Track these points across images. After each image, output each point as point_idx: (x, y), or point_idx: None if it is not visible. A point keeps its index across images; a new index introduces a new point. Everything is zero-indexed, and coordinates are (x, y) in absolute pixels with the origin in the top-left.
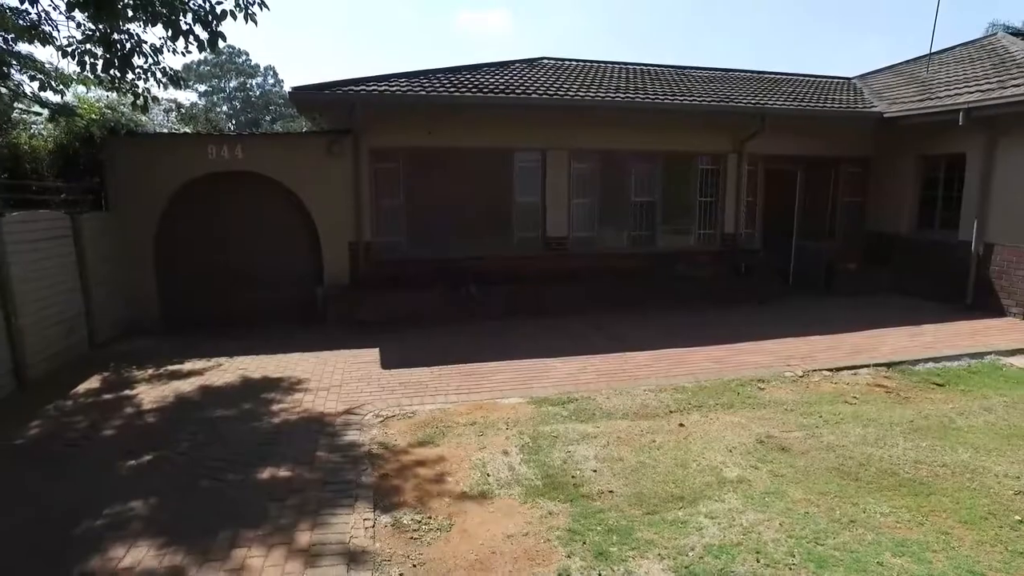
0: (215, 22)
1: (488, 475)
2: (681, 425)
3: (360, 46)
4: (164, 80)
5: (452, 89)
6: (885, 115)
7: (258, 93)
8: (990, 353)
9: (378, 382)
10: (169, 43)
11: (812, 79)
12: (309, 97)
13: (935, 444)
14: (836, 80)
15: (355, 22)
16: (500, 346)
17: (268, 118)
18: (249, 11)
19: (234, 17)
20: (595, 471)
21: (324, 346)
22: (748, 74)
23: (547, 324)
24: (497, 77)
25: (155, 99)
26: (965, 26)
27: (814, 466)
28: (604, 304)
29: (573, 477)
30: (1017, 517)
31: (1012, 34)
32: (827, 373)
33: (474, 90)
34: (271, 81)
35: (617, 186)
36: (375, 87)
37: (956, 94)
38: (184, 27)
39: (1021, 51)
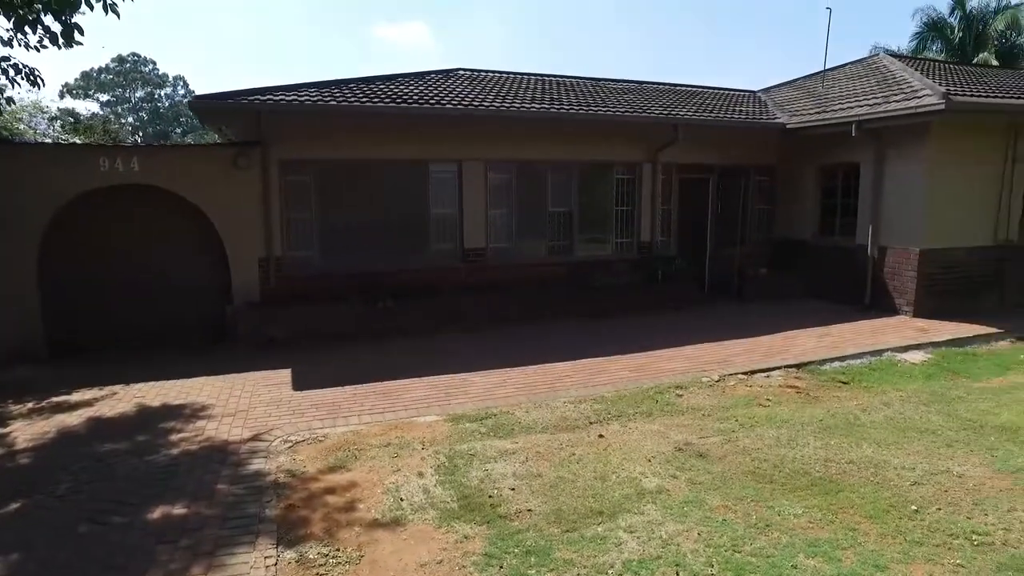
0: (68, 12)
1: (402, 499)
2: (601, 436)
3: (275, 61)
4: (17, 78)
5: (364, 99)
6: (787, 126)
7: (167, 104)
8: (887, 350)
9: (288, 405)
10: (17, 35)
11: (721, 91)
12: (210, 106)
13: (842, 442)
14: (742, 93)
15: (268, 36)
16: (418, 361)
17: (179, 130)
18: (108, 1)
19: (90, 7)
20: (513, 489)
21: (233, 368)
22: (661, 86)
23: (466, 337)
24: (412, 88)
25: (9, 100)
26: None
27: (731, 471)
28: (524, 314)
29: (490, 497)
30: (913, 507)
31: (891, 55)
32: (742, 376)
33: (387, 100)
34: (181, 92)
35: (534, 196)
36: (283, 96)
37: (848, 108)
38: (31, 16)
39: (899, 70)
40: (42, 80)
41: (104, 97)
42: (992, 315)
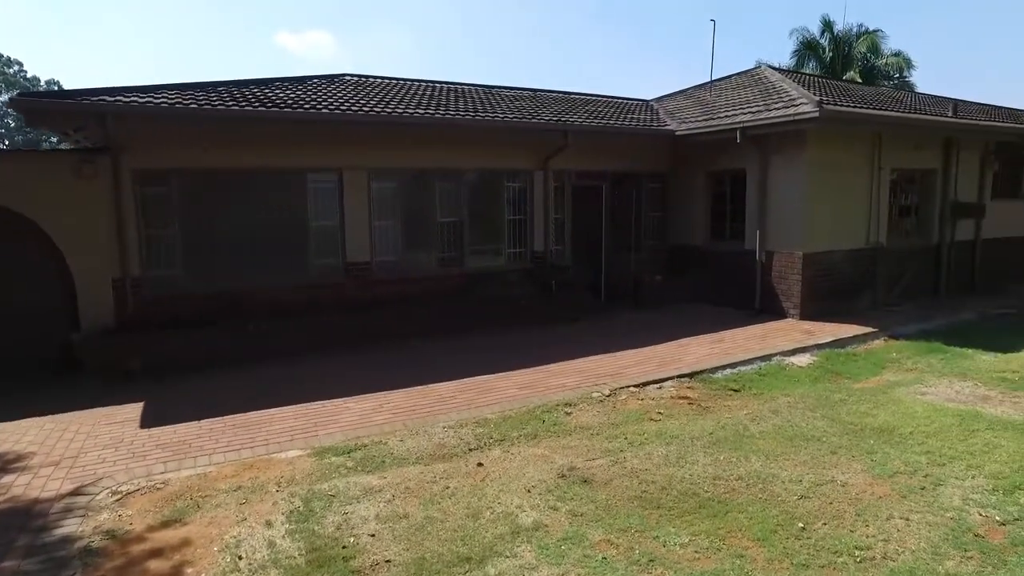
0: None
1: (240, 558)
2: (480, 465)
3: (171, 66)
4: None
5: (232, 103)
6: (677, 133)
7: None
8: (776, 355)
9: (130, 446)
10: None
11: (614, 100)
12: (39, 106)
13: (731, 456)
14: (635, 102)
15: (164, 41)
16: (288, 387)
17: (54, 138)
18: None
19: None
20: (373, 535)
21: (74, 405)
22: (554, 94)
23: (348, 358)
24: (290, 93)
25: None
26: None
27: (616, 497)
28: (413, 331)
29: (345, 547)
30: (800, 524)
31: (771, 68)
32: (634, 389)
33: (257, 104)
34: None
35: (422, 206)
36: (135, 98)
37: (733, 115)
38: None
39: (779, 81)
40: None
41: None
42: (867, 315)
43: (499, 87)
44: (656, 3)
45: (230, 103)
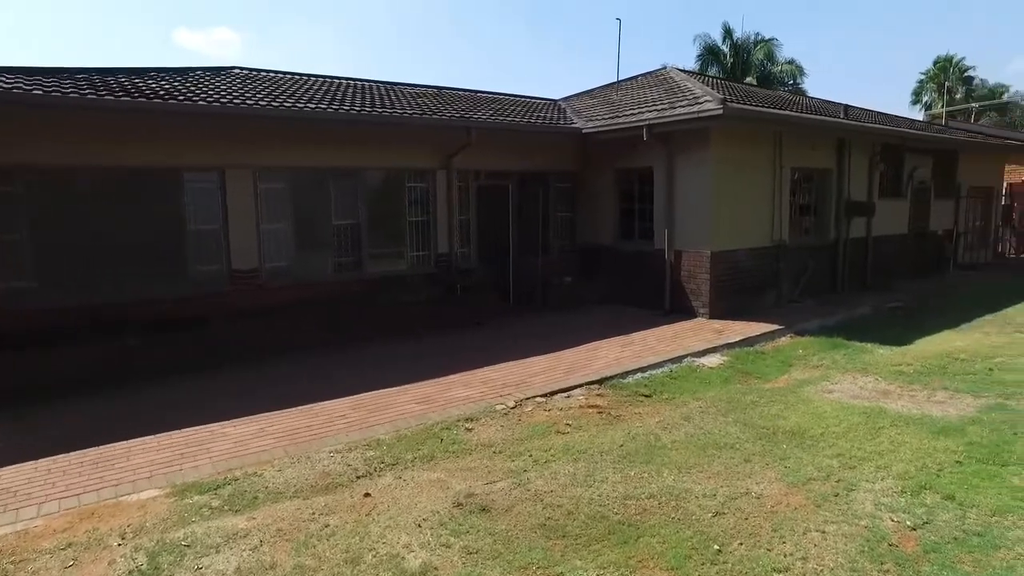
0: None
1: None
2: (367, 495)
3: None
4: None
5: (89, 91)
6: (584, 131)
7: None
8: (687, 356)
9: None
10: None
11: (522, 99)
12: None
13: (643, 471)
14: (543, 101)
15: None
16: (159, 412)
17: None
18: None
19: None
20: None
21: None
22: (461, 92)
23: (233, 374)
24: (165, 83)
25: None
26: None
27: (518, 527)
28: (306, 342)
29: None
30: (716, 547)
31: (677, 70)
32: (541, 400)
33: (122, 94)
34: None
35: (316, 208)
36: None
37: (639, 113)
38: None
39: (684, 80)
40: None
41: None
42: (772, 312)
43: (402, 84)
44: (565, 7)
45: (87, 91)
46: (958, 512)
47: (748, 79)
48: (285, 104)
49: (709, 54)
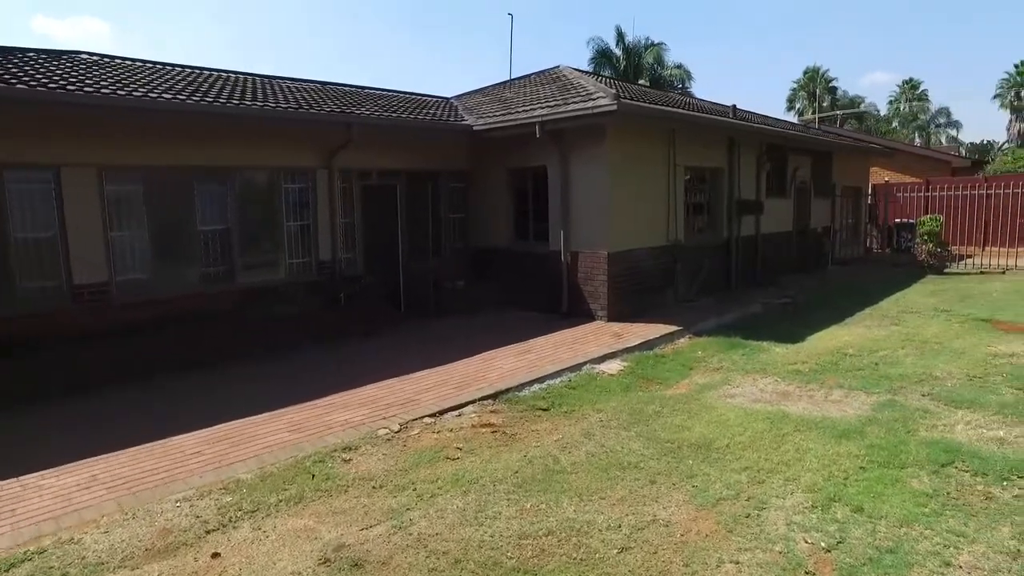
0: None
1: None
2: (215, 556)
3: None
4: None
5: None
6: (475, 128)
7: None
8: (586, 363)
9: None
10: None
11: (411, 96)
12: None
13: (540, 501)
14: (434, 98)
15: None
16: None
17: None
18: None
19: None
20: None
21: None
22: (346, 88)
23: (66, 408)
24: None
25: None
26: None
27: None
28: (169, 364)
29: None
30: None
31: (571, 69)
32: (429, 420)
33: None
34: None
35: (178, 213)
36: None
37: (532, 109)
38: None
39: (578, 78)
40: None
41: None
42: (670, 312)
43: (281, 78)
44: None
45: None
46: (868, 526)
47: (641, 81)
48: (135, 94)
49: (602, 57)
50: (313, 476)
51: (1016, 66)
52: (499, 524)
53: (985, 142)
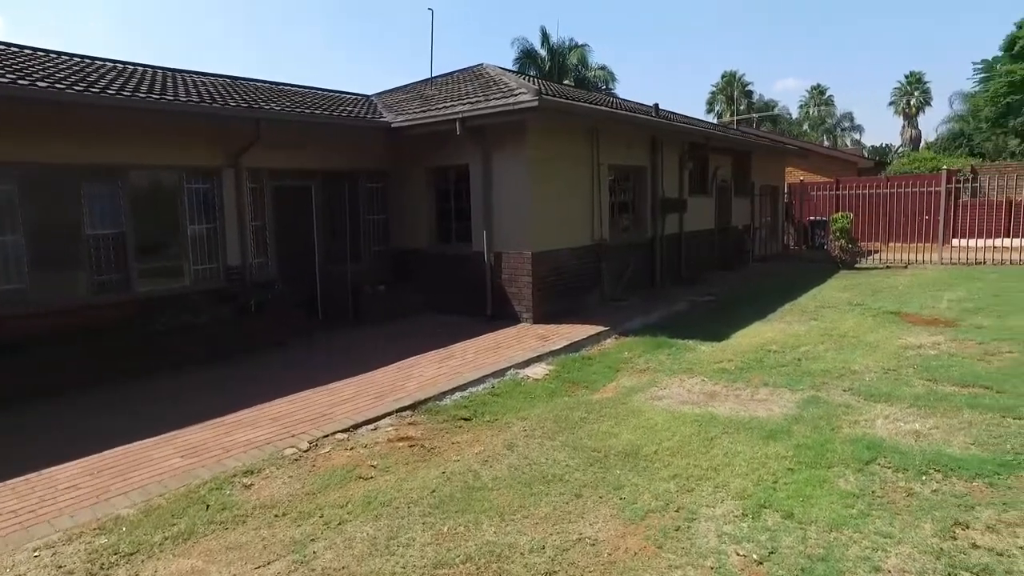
0: None
1: None
2: None
3: None
4: None
5: None
6: (393, 125)
7: None
8: (510, 368)
9: None
10: None
11: (329, 93)
12: None
13: (458, 524)
14: (354, 96)
15: None
16: None
17: None
18: None
19: None
20: None
21: None
22: (259, 84)
23: None
24: None
25: None
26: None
27: None
28: (49, 385)
29: None
30: None
31: (494, 66)
32: (342, 436)
33: None
34: None
35: (63, 215)
36: None
37: (452, 106)
38: None
39: (500, 75)
40: None
41: None
42: (597, 312)
43: (188, 71)
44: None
45: None
46: (799, 534)
47: (566, 82)
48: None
49: (527, 57)
50: (207, 507)
51: (906, 76)
52: (412, 553)
53: (884, 145)
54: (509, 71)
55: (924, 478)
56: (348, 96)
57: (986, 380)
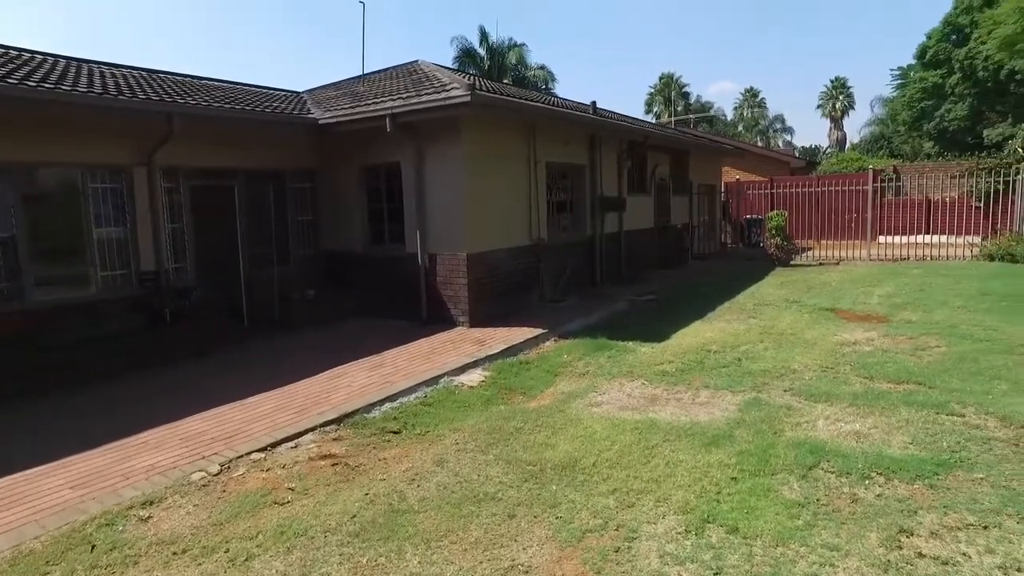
0: None
1: None
2: None
3: None
4: None
5: None
6: (321, 122)
7: None
8: (444, 375)
9: None
10: None
11: (255, 89)
12: None
13: (380, 554)
14: (283, 92)
15: None
16: None
17: None
18: None
19: None
20: None
21: None
22: (178, 77)
23: None
24: None
25: None
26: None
27: None
28: None
29: None
30: None
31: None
32: (259, 456)
33: None
34: None
35: None
36: None
37: (383, 101)
38: None
39: (434, 71)
40: None
41: None
42: (536, 314)
43: (98, 62)
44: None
45: None
46: (745, 550)
47: (505, 81)
48: None
49: (466, 56)
50: (93, 547)
51: (831, 81)
52: None
53: (813, 146)
54: (445, 68)
55: (867, 482)
56: (276, 92)
57: (918, 376)
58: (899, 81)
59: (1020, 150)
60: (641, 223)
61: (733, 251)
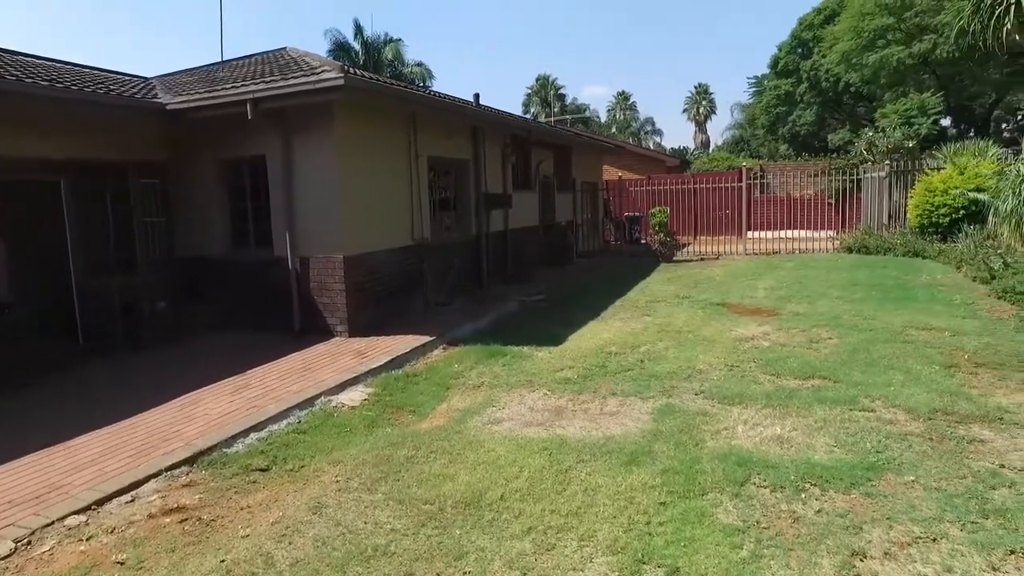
0: None
1: None
2: None
3: None
4: None
5: None
6: (169, 107)
7: None
8: (320, 395)
9: None
10: None
11: (99, 72)
12: None
13: None
14: (129, 76)
15: None
16: None
17: None
18: None
19: None
20: None
21: None
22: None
23: None
24: None
25: None
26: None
27: None
28: None
29: None
30: None
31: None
32: (76, 520)
33: None
34: None
35: None
36: None
37: (244, 86)
38: None
39: (304, 56)
40: None
41: None
42: (421, 319)
43: None
44: None
45: None
46: None
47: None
48: None
49: (340, 50)
50: None
51: (695, 87)
52: None
53: (682, 148)
54: (316, 55)
55: (803, 496)
56: (120, 76)
57: (821, 370)
58: (755, 88)
59: (864, 152)
60: (527, 221)
61: (616, 248)
